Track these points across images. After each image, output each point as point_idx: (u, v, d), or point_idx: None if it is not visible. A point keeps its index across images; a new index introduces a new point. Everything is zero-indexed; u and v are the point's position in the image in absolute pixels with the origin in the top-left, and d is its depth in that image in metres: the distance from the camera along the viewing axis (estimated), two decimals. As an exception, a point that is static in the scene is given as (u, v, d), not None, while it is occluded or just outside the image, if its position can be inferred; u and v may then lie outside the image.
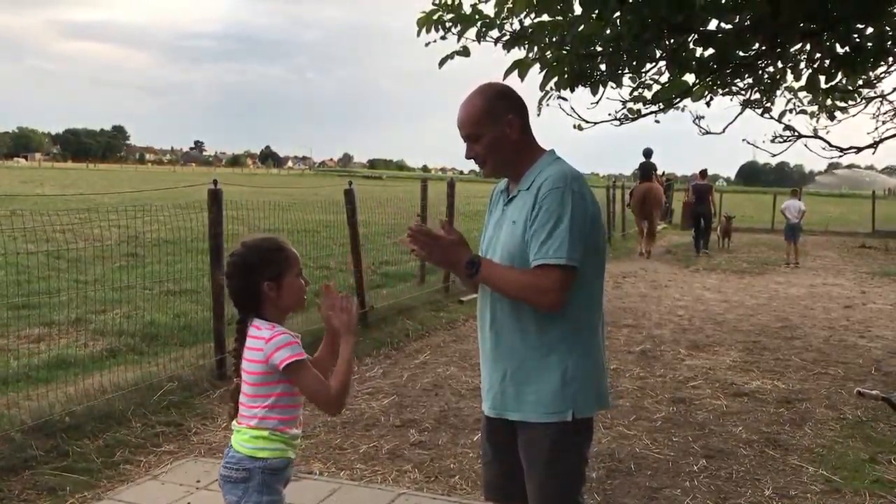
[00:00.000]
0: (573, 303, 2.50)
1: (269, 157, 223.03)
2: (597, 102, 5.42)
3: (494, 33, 4.77)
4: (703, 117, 6.51)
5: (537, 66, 4.98)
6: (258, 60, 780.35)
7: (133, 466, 4.63)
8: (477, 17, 4.71)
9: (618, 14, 4.29)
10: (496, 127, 2.56)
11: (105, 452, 4.74)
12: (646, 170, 18.40)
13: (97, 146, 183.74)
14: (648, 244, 17.89)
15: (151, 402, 5.53)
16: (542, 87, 5.18)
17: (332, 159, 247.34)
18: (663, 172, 23.92)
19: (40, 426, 4.83)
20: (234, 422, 2.58)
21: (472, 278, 2.54)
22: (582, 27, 4.36)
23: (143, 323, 7.94)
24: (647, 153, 18.40)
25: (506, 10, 4.75)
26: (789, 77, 5.95)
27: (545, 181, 2.48)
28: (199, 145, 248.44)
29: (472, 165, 2.74)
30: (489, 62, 5.47)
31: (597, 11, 4.11)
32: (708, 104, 6.16)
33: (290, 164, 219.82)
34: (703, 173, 19.71)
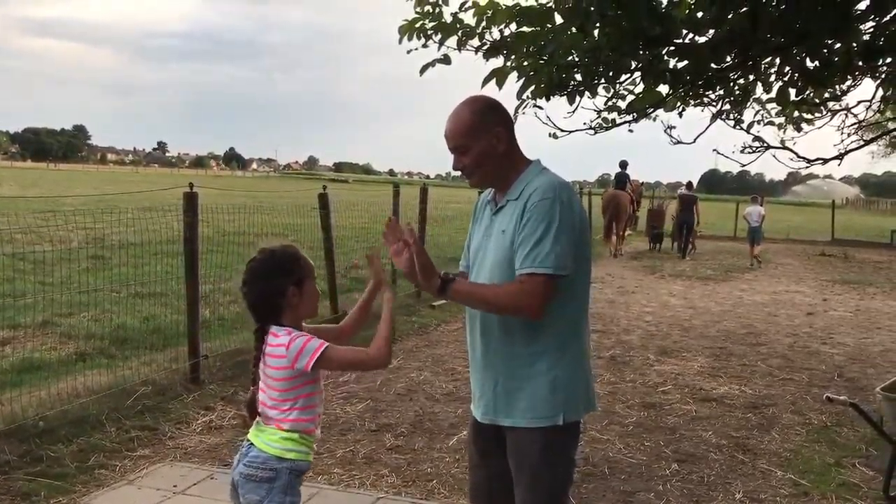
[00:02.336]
0: (562, 310, 2.55)
1: (233, 159, 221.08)
2: (573, 112, 5.49)
3: (475, 42, 4.81)
4: (674, 127, 6.63)
5: (515, 74, 5.03)
6: (224, 61, 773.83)
7: (108, 471, 4.59)
8: (458, 25, 4.75)
9: (598, 26, 4.36)
10: (484, 139, 2.59)
11: (79, 457, 4.70)
12: (619, 179, 20.52)
13: (57, 146, 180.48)
14: (616, 245, 19.50)
15: (125, 406, 5.49)
16: (519, 95, 5.24)
17: (297, 162, 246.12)
18: (642, 183, 26.69)
19: (13, 431, 4.78)
20: (257, 420, 2.60)
21: (443, 293, 2.50)
22: (562, 38, 4.42)
23: (112, 326, 7.86)
24: (623, 164, 20.53)
25: (485, 19, 4.80)
26: (759, 89, 6.08)
27: (535, 191, 2.52)
28: (161, 146, 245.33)
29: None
30: (463, 70, 5.52)
31: (578, 23, 4.17)
32: (680, 114, 6.27)
33: (254, 166, 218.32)
34: (689, 185, 21.37)
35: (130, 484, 4.43)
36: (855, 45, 4.89)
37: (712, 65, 5.12)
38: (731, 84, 5.95)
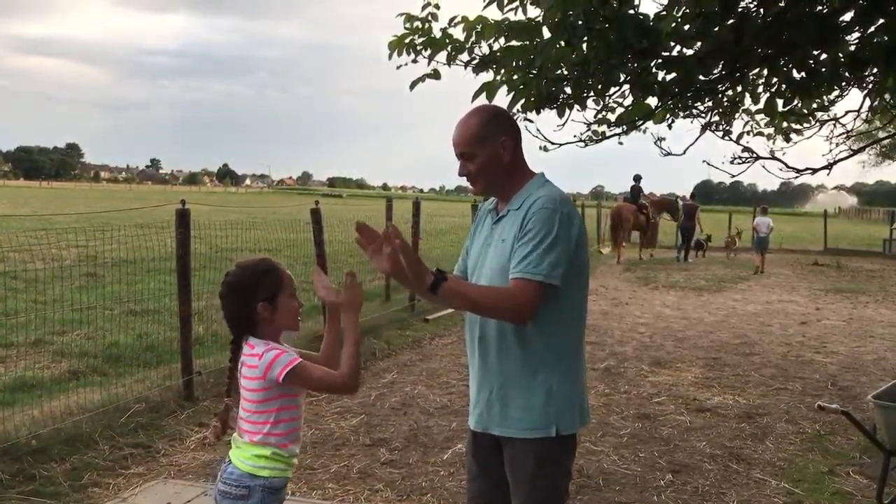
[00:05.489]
0: (560, 323, 2.57)
1: (227, 176, 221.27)
2: (563, 125, 5.54)
3: (464, 57, 4.85)
4: (664, 139, 6.68)
5: (505, 88, 5.07)
6: (217, 77, 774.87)
7: (101, 489, 4.57)
8: (447, 40, 4.79)
9: (585, 39, 4.40)
10: (490, 148, 2.62)
11: (73, 476, 4.68)
12: (634, 192, 22.64)
13: (50, 164, 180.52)
14: (622, 252, 21.68)
15: (119, 423, 5.47)
16: (509, 109, 5.27)
17: (290, 177, 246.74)
18: (673, 194, 29.62)
19: (6, 450, 4.76)
20: (234, 435, 2.60)
21: (435, 291, 2.45)
22: (550, 52, 4.47)
23: (105, 344, 7.84)
24: (637, 178, 22.66)
25: (474, 34, 4.84)
26: (747, 100, 6.14)
27: (536, 202, 2.55)
28: (155, 163, 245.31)
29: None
30: (455, 84, 5.56)
31: (566, 37, 4.21)
32: (669, 126, 6.32)
33: (248, 182, 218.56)
34: (692, 195, 23.26)
35: (124, 502, 4.42)
36: (841, 55, 4.94)
37: (700, 76, 5.17)
38: (720, 95, 6.01)
